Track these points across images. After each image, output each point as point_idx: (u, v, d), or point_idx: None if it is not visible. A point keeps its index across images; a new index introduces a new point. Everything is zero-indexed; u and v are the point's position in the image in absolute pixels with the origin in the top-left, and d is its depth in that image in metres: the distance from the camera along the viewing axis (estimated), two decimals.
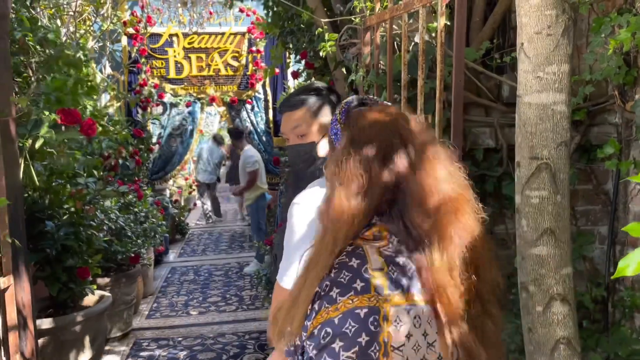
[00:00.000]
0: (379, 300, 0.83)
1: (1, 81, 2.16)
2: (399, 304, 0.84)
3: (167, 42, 7.58)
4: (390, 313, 0.83)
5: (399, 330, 0.82)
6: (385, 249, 0.89)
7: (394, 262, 0.88)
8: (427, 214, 0.87)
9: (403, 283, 0.86)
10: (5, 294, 2.15)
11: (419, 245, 0.87)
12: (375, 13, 2.10)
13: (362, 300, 0.83)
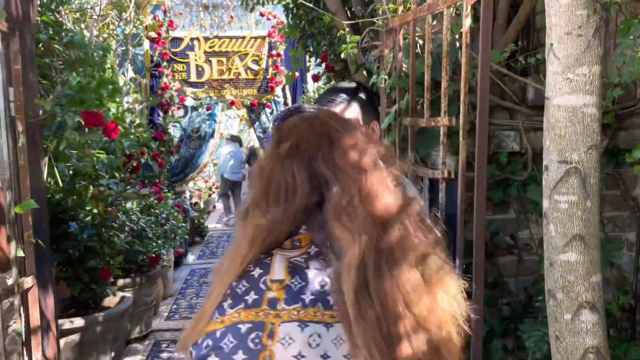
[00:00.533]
0: (267, 316, 0.74)
1: (27, 83, 2.19)
2: (292, 320, 0.73)
3: (188, 45, 7.64)
4: (278, 330, 0.73)
5: (286, 349, 0.72)
6: (298, 259, 0.79)
7: (301, 274, 0.77)
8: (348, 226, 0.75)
9: (304, 297, 0.75)
10: (28, 294, 2.17)
11: (339, 259, 0.74)
12: (398, 15, 2.08)
13: (248, 315, 0.75)
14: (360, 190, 0.78)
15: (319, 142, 0.83)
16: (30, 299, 2.19)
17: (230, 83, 7.84)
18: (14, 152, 2.12)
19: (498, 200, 2.25)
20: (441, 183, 1.83)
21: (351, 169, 0.80)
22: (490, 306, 2.22)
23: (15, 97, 2.12)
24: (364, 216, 0.76)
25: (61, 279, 3.29)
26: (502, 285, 2.31)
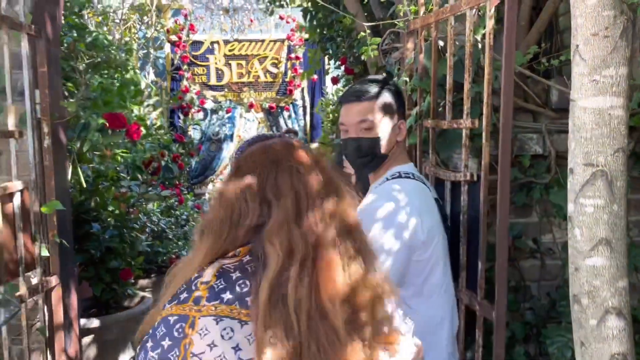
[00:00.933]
0: (191, 310, 0.87)
1: (52, 86, 2.23)
2: (210, 314, 0.86)
3: (208, 49, 7.72)
4: (198, 322, 0.86)
5: (202, 338, 0.84)
6: (229, 265, 0.92)
7: (226, 277, 0.90)
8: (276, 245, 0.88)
9: (223, 296, 0.87)
10: (52, 293, 2.21)
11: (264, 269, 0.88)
12: (420, 17, 2.07)
13: (177, 309, 0.89)
14: (298, 215, 0.92)
15: (269, 169, 0.96)
16: (54, 298, 2.22)
17: (249, 86, 7.89)
18: (40, 153, 2.16)
19: (520, 203, 2.22)
20: (463, 186, 1.81)
21: (293, 195, 0.93)
22: (512, 311, 2.19)
23: (41, 99, 2.15)
24: (295, 238, 0.88)
25: (83, 279, 3.33)
26: (524, 289, 2.28)
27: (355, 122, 1.58)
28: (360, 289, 0.90)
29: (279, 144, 1.02)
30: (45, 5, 2.23)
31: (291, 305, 0.84)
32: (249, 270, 0.90)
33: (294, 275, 0.85)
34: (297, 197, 0.93)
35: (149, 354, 0.87)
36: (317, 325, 0.84)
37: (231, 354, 0.83)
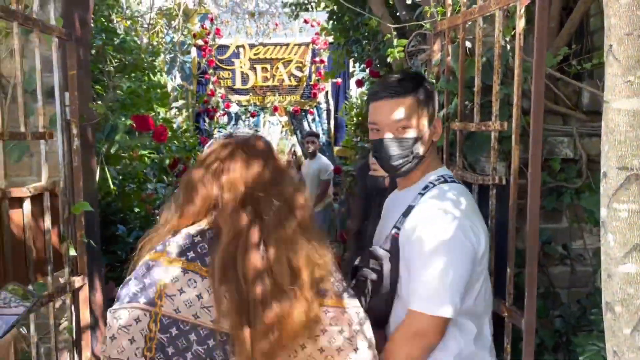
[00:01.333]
0: (164, 260, 1.12)
1: (81, 88, 2.26)
2: (178, 265, 1.11)
3: (234, 53, 7.78)
4: (169, 269, 1.11)
5: (174, 284, 1.10)
6: (193, 232, 1.16)
7: (190, 240, 1.15)
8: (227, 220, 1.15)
9: (188, 254, 1.13)
10: (79, 292, 2.23)
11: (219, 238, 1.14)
12: (447, 18, 2.04)
13: (153, 256, 1.13)
14: (246, 199, 1.16)
15: (225, 160, 1.20)
16: (81, 298, 2.25)
17: (274, 90, 7.93)
18: (69, 154, 2.19)
19: (550, 208, 2.17)
20: (491, 190, 1.77)
21: (242, 182, 1.17)
22: (541, 318, 2.14)
23: (71, 102, 2.19)
24: (241, 219, 1.14)
25: (110, 279, 3.38)
26: (554, 296, 2.23)
27: (390, 120, 1.41)
28: (302, 259, 1.15)
29: (239, 141, 1.26)
30: (76, 9, 2.27)
31: (239, 268, 1.10)
32: (207, 237, 1.15)
33: (241, 246, 1.12)
34: (245, 184, 1.17)
35: (131, 288, 1.10)
36: (262, 282, 1.10)
37: (195, 300, 1.10)
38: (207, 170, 1.20)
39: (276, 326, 1.09)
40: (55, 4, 2.10)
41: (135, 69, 2.87)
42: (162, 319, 1.08)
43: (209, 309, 1.10)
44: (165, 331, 1.08)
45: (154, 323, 1.08)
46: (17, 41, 1.82)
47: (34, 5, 1.94)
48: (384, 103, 1.43)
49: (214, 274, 1.10)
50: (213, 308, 1.09)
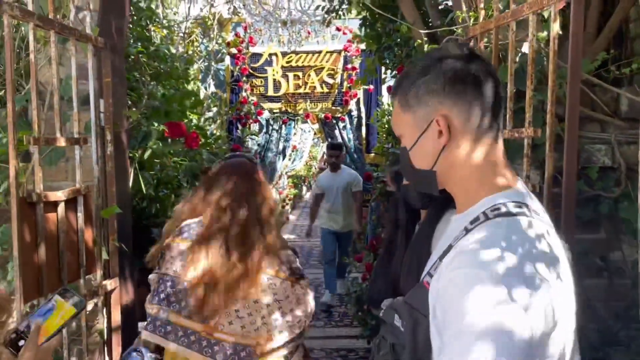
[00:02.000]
0: (174, 240, 1.77)
1: (116, 95, 2.31)
2: (180, 242, 1.75)
3: (266, 61, 7.86)
4: (175, 245, 1.76)
5: (170, 254, 1.76)
6: (192, 222, 1.78)
7: (189, 227, 1.78)
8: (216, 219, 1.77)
9: (186, 235, 1.75)
10: (111, 295, 2.27)
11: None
12: (479, 23, 2.01)
13: (171, 240, 1.78)
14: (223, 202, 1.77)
15: (215, 179, 1.83)
16: (113, 301, 2.29)
17: (305, 97, 7.96)
18: (102, 159, 2.24)
19: (587, 218, 2.10)
20: None
21: (222, 192, 1.78)
22: None
23: (105, 108, 2.24)
24: (220, 214, 1.75)
25: (142, 283, 3.42)
26: (590, 310, 2.15)
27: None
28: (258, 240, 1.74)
29: (228, 164, 1.90)
30: (112, 18, 2.33)
31: (215, 240, 1.70)
32: (200, 224, 1.77)
33: (215, 228, 1.72)
34: (224, 193, 1.77)
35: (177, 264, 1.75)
36: (228, 252, 1.69)
37: (177, 264, 1.73)
38: (201, 186, 1.87)
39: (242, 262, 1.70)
40: (92, 13, 2.16)
41: (170, 77, 2.93)
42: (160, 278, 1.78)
43: (183, 265, 1.72)
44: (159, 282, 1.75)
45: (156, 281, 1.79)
46: (54, 49, 1.88)
47: (70, 15, 1.99)
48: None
49: (199, 243, 1.71)
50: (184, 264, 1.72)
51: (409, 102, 1.02)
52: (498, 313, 0.81)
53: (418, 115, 1.00)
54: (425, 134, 1.00)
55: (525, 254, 0.86)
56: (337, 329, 5.04)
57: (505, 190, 0.97)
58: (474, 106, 0.97)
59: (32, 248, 1.76)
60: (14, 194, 1.63)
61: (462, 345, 0.82)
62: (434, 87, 0.98)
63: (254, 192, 1.80)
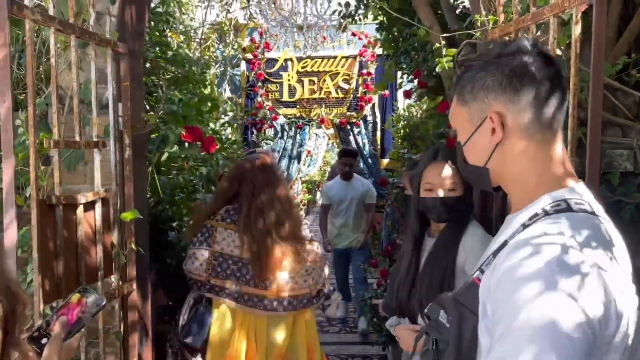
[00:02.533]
0: (213, 222, 2.41)
1: (134, 99, 2.33)
2: (221, 226, 2.38)
3: (282, 66, 7.88)
4: (217, 227, 2.38)
5: (219, 234, 2.38)
6: (229, 208, 2.42)
7: (227, 212, 2.39)
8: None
9: (227, 219, 2.38)
10: (128, 298, 2.28)
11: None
12: (498, 26, 1.99)
13: (209, 222, 2.43)
14: (253, 193, 2.37)
15: (241, 171, 2.45)
16: (130, 304, 2.29)
17: (320, 102, 7.97)
18: (121, 163, 2.26)
19: None
20: None
21: (251, 184, 2.37)
22: None
23: (123, 112, 2.26)
24: (251, 203, 2.35)
25: (159, 287, 3.43)
26: None
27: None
28: (284, 223, 2.35)
29: (248, 159, 2.47)
30: (131, 22, 2.35)
31: (253, 228, 2.31)
32: (235, 211, 2.37)
33: (253, 215, 2.31)
34: (253, 184, 2.35)
35: (199, 238, 2.40)
36: (263, 234, 2.32)
37: (231, 245, 2.36)
38: (232, 177, 2.47)
39: (269, 255, 2.30)
40: (111, 17, 2.18)
41: (187, 82, 2.94)
42: (215, 254, 2.36)
43: (237, 247, 2.35)
44: (216, 259, 2.34)
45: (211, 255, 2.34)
46: (75, 53, 1.90)
47: (90, 20, 2.01)
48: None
49: (239, 229, 2.34)
50: (238, 247, 2.35)
51: (465, 97, 1.01)
52: (555, 310, 0.77)
53: (473, 111, 1.00)
54: (479, 130, 0.99)
55: (584, 249, 0.84)
56: (351, 335, 5.01)
57: (565, 187, 0.96)
58: (529, 103, 0.95)
59: (51, 250, 1.78)
60: (35, 197, 1.65)
61: (514, 342, 0.78)
62: (489, 83, 0.97)
63: (274, 182, 2.40)
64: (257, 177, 2.36)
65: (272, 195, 2.33)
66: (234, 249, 2.34)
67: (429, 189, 1.84)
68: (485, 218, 2.11)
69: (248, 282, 2.31)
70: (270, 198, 2.33)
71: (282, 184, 2.43)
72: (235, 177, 2.44)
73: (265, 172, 2.40)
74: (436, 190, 1.82)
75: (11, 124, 1.54)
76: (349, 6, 4.54)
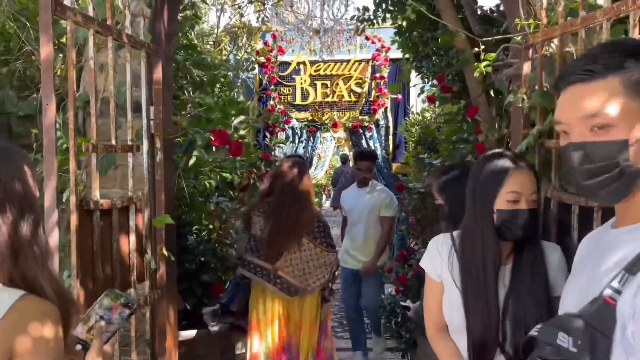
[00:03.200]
0: (256, 212, 3.14)
1: (165, 102, 2.30)
2: (256, 215, 3.10)
3: (294, 69, 7.85)
4: (253, 217, 3.13)
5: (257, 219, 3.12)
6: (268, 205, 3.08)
7: (264, 205, 3.04)
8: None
9: (260, 210, 3.07)
10: (158, 305, 2.24)
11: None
12: (541, 30, 1.95)
13: (255, 212, 3.13)
14: (282, 190, 3.01)
15: (275, 175, 3.08)
16: (159, 311, 2.26)
17: (332, 106, 7.94)
18: (152, 167, 2.22)
19: None
20: (597, 212, 1.65)
21: (281, 184, 2.99)
22: None
23: (155, 115, 2.22)
24: (282, 196, 3.00)
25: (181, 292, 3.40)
26: None
27: (577, 116, 0.95)
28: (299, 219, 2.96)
29: (282, 163, 3.08)
30: (162, 25, 2.32)
31: (274, 218, 2.96)
32: (267, 204, 3.01)
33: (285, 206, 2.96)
34: (280, 185, 2.97)
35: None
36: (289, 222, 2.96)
37: (258, 229, 3.07)
38: (270, 177, 3.05)
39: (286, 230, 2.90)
40: (145, 19, 2.15)
41: (212, 85, 2.91)
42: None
43: (260, 230, 2.95)
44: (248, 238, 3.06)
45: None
46: (112, 55, 1.87)
47: (126, 21, 1.98)
48: (568, 93, 0.97)
49: (265, 217, 2.94)
50: (262, 230, 2.95)
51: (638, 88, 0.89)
52: None
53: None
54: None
55: None
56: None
57: None
58: None
59: (89, 256, 1.74)
60: (74, 202, 1.61)
61: None
62: None
63: (301, 181, 2.97)
64: (286, 176, 2.97)
65: (294, 193, 2.96)
66: (258, 232, 3.02)
67: (514, 199, 1.54)
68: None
69: (260, 257, 2.99)
70: (292, 194, 2.95)
71: (304, 184, 3.02)
72: (271, 177, 3.10)
73: (292, 173, 2.99)
74: (522, 200, 1.54)
75: (54, 126, 1.51)
76: (367, 10, 4.51)
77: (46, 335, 0.94)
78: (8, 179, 0.99)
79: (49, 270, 1.02)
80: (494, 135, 2.86)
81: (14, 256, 0.97)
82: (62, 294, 1.02)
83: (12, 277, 0.98)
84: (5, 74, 2.29)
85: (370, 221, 4.29)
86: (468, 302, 1.58)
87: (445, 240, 1.69)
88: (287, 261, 2.96)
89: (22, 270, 0.98)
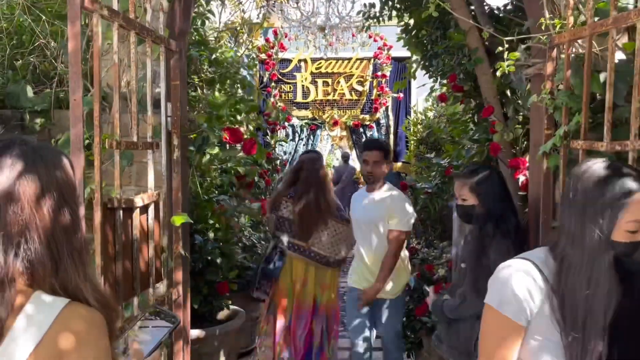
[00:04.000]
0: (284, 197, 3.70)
1: (181, 99, 2.26)
2: (284, 200, 3.62)
3: (296, 67, 7.81)
4: (282, 202, 3.64)
5: (286, 204, 3.65)
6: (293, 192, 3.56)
7: (290, 192, 3.58)
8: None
9: (288, 196, 3.59)
10: (174, 304, 2.21)
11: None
12: (568, 30, 1.93)
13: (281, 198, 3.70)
14: (306, 180, 3.54)
15: (297, 167, 3.62)
16: (177, 309, 2.22)
17: (334, 104, 7.91)
18: (169, 165, 2.18)
19: None
20: None
21: (305, 176, 3.53)
22: None
23: (172, 112, 2.19)
24: (306, 183, 3.53)
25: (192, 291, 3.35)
26: None
27: None
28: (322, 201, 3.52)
29: (304, 156, 3.69)
30: (178, 20, 2.28)
31: (301, 202, 3.48)
32: (295, 191, 3.52)
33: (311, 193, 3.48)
34: (306, 174, 3.52)
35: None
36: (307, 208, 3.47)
37: (288, 212, 3.58)
38: (294, 168, 3.60)
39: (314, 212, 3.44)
40: (164, 14, 2.11)
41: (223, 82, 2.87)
42: (279, 217, 3.59)
43: (290, 213, 3.50)
44: (279, 220, 3.60)
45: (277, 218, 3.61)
46: (134, 50, 1.82)
47: (147, 16, 1.94)
48: None
49: (294, 202, 3.46)
50: (291, 213, 3.48)
51: None
52: None
53: None
54: None
55: None
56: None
57: None
58: None
59: (111, 255, 1.70)
60: (99, 200, 1.58)
61: None
62: None
63: (321, 172, 3.52)
64: (308, 169, 3.49)
65: (317, 182, 3.47)
66: (288, 214, 3.51)
67: (635, 230, 1.24)
68: None
69: (294, 236, 3.51)
70: (315, 183, 3.46)
71: (323, 174, 3.57)
72: (295, 168, 3.62)
73: (313, 166, 3.53)
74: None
75: (81, 120, 1.47)
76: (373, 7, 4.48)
77: (95, 345, 0.90)
78: (50, 169, 0.96)
79: (90, 277, 0.98)
80: (509, 136, 2.85)
81: (54, 266, 0.93)
82: (104, 301, 0.98)
83: (53, 285, 0.94)
84: (20, 68, 2.24)
85: (373, 233, 3.30)
86: (572, 348, 1.25)
87: (534, 273, 1.32)
88: (317, 238, 3.47)
89: (63, 280, 0.93)
